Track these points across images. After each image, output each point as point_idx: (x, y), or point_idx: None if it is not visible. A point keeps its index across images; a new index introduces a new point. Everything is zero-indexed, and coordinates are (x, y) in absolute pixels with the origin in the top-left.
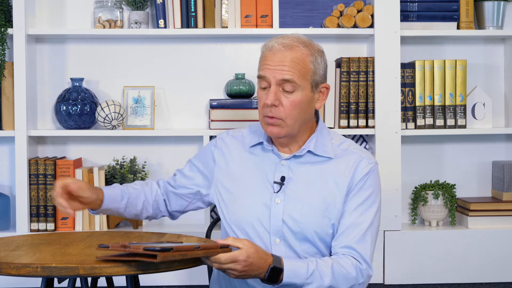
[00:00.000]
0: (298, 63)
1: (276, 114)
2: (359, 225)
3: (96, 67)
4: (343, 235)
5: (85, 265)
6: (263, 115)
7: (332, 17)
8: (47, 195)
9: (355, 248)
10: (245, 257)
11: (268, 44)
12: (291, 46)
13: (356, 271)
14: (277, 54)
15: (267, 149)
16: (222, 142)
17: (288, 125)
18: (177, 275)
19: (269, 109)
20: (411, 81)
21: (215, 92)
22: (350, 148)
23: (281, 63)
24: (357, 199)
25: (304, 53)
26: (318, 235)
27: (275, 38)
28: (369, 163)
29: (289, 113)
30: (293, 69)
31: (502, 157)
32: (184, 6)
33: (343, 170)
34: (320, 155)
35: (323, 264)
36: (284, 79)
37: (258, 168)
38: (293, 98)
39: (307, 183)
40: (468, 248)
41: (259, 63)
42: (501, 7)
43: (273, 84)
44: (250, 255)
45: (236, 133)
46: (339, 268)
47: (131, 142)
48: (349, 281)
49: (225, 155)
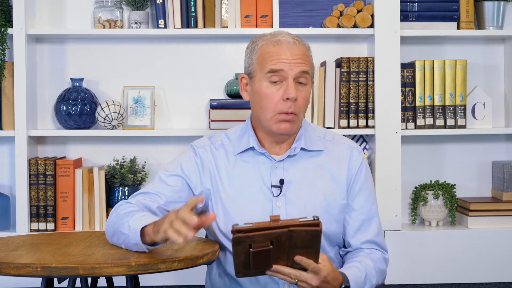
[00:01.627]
0: (308, 56)
1: (294, 109)
2: (372, 217)
3: (96, 67)
4: (361, 230)
5: (85, 265)
6: (276, 112)
7: (332, 17)
8: (47, 195)
9: (376, 241)
10: (326, 273)
11: (275, 39)
12: (299, 40)
13: (385, 263)
14: (292, 47)
15: (259, 153)
16: (204, 152)
17: (299, 120)
18: (177, 275)
19: (289, 104)
20: (411, 81)
21: (215, 92)
22: (336, 139)
23: (297, 56)
24: (364, 193)
25: (307, 48)
26: (323, 233)
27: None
28: (359, 152)
29: (303, 108)
30: (307, 62)
31: (502, 157)
32: (184, 6)
33: (337, 163)
34: (312, 150)
35: (368, 266)
36: (303, 70)
37: (252, 174)
38: (305, 91)
39: (305, 182)
40: (468, 248)
41: (261, 59)
42: (501, 7)
43: (291, 77)
44: (329, 274)
45: (215, 143)
46: (377, 265)
47: (131, 142)
48: (383, 273)
49: (211, 166)
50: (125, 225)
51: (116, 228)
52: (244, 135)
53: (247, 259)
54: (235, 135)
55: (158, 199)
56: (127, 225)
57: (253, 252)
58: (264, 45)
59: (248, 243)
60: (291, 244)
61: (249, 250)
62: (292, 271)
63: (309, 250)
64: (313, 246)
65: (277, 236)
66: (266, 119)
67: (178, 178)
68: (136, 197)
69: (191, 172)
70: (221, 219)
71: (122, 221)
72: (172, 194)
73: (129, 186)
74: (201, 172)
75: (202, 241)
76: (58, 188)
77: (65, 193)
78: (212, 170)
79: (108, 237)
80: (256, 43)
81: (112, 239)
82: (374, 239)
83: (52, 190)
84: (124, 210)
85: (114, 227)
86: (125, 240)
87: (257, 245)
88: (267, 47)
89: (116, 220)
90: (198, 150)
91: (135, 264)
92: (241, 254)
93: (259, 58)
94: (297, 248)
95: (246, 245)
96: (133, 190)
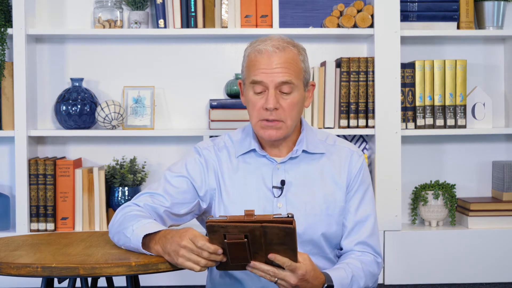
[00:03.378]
0: (292, 63)
1: (277, 117)
2: (366, 219)
3: (96, 67)
4: (354, 231)
5: (85, 265)
6: (259, 119)
7: (332, 17)
8: (47, 195)
9: (369, 243)
10: (304, 271)
11: (257, 48)
12: (283, 48)
13: (377, 266)
14: (272, 57)
15: (260, 155)
16: (208, 153)
17: (288, 126)
18: (177, 275)
19: (270, 113)
20: (411, 81)
21: (215, 92)
22: (337, 143)
23: (277, 65)
24: (358, 195)
25: (295, 53)
26: (323, 235)
27: (259, 40)
28: (359, 156)
29: (289, 114)
30: (289, 70)
31: (502, 157)
32: (184, 6)
33: (338, 166)
34: (314, 152)
35: (356, 267)
36: (283, 81)
37: (254, 175)
38: (291, 99)
39: (306, 183)
40: (468, 248)
41: (247, 68)
42: (501, 7)
43: (271, 87)
44: (308, 272)
45: (218, 144)
46: (367, 268)
47: (131, 142)
48: (374, 277)
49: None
50: (129, 228)
51: (120, 230)
52: (246, 137)
53: (225, 251)
54: (237, 137)
55: (163, 200)
56: (131, 229)
57: (228, 243)
58: (250, 53)
59: (223, 233)
60: (267, 240)
61: (224, 241)
62: (270, 268)
63: (285, 248)
64: (288, 243)
65: (251, 230)
66: (253, 124)
67: (183, 179)
68: (142, 197)
69: (196, 173)
70: None
71: (127, 224)
72: (177, 196)
73: (129, 186)
74: (205, 173)
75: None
76: (58, 188)
77: (65, 193)
78: (216, 170)
79: (111, 235)
80: (246, 50)
81: (114, 238)
82: (366, 241)
83: (52, 190)
84: (131, 212)
85: (118, 228)
86: (125, 243)
87: (231, 237)
88: (252, 55)
89: (121, 221)
90: (202, 151)
91: (135, 264)
92: (217, 245)
93: (247, 66)
94: (273, 244)
95: (221, 235)
96: (133, 190)
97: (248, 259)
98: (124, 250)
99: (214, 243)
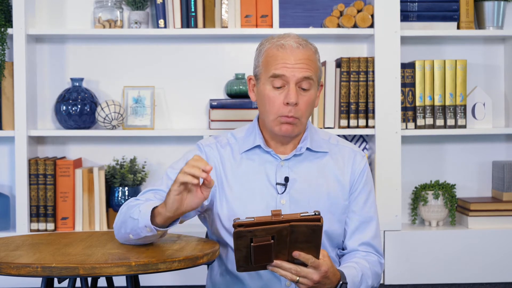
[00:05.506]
0: (312, 60)
1: (295, 114)
2: (370, 220)
3: (96, 67)
4: (358, 232)
5: (85, 265)
6: (278, 115)
7: (332, 17)
8: (47, 195)
9: (372, 244)
10: (326, 268)
11: (279, 43)
12: (305, 44)
13: (380, 267)
14: (295, 52)
15: (264, 152)
16: (210, 150)
17: (302, 123)
18: (177, 275)
19: (289, 109)
20: (411, 81)
21: (215, 92)
22: (340, 143)
23: (300, 61)
24: (363, 195)
25: (313, 51)
26: (326, 232)
27: (278, 37)
28: (362, 157)
29: (305, 112)
30: (310, 67)
31: (502, 157)
32: (184, 6)
33: (341, 165)
34: (317, 151)
35: (364, 267)
36: (305, 76)
37: (258, 172)
38: (308, 96)
39: (309, 181)
40: (468, 248)
41: (265, 63)
42: (501, 7)
43: (292, 82)
44: (329, 269)
45: (221, 142)
46: (373, 268)
47: (131, 142)
48: (378, 277)
49: (217, 163)
50: (136, 211)
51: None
52: (250, 135)
53: (248, 253)
54: (241, 134)
55: None
56: (138, 210)
57: (254, 246)
58: (269, 48)
59: (249, 238)
60: (292, 239)
61: (250, 244)
62: (292, 266)
63: (309, 245)
64: (313, 241)
65: (278, 230)
66: (268, 120)
67: None
68: (145, 194)
69: None
70: (225, 216)
71: (132, 209)
72: None
73: (129, 186)
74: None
75: (202, 241)
76: (58, 188)
77: (65, 193)
78: (218, 167)
79: (116, 230)
80: (263, 45)
81: (120, 230)
82: (370, 242)
83: (52, 190)
84: (134, 202)
85: (124, 217)
86: (133, 227)
87: (258, 240)
88: (272, 50)
89: (126, 210)
90: (204, 148)
91: (135, 264)
92: (242, 249)
93: (264, 61)
94: (298, 242)
95: (247, 240)
96: (133, 190)
97: (272, 259)
98: (124, 250)
99: (239, 248)
